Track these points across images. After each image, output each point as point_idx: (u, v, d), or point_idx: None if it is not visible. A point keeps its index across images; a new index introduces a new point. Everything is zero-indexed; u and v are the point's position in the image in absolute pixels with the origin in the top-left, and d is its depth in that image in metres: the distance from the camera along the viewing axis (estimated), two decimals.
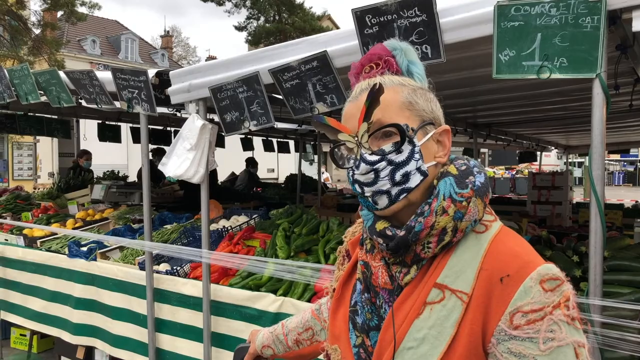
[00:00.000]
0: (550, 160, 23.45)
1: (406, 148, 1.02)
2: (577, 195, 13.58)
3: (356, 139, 1.03)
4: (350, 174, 1.06)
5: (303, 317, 1.50)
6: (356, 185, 1.05)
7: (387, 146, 1.02)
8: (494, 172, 25.34)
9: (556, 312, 0.92)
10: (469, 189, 1.02)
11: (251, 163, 10.26)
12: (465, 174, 1.05)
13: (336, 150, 1.13)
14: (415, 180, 1.02)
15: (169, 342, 3.51)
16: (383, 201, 1.02)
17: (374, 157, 1.02)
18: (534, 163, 13.12)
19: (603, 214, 1.89)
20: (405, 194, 1.02)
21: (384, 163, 1.01)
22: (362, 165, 1.02)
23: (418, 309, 0.99)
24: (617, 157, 32.12)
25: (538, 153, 11.34)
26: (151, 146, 5.99)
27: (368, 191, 1.03)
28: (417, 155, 1.03)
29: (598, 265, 1.93)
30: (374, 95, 0.99)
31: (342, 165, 1.11)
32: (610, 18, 1.87)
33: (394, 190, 1.02)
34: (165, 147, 7.25)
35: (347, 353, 1.11)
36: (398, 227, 1.03)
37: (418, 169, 1.03)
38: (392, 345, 1.00)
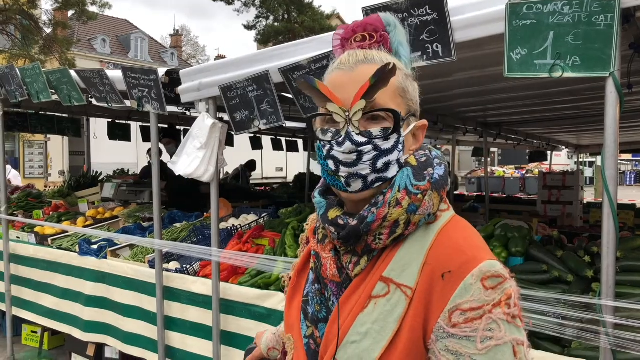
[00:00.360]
0: (560, 160, 23.27)
1: (393, 137, 0.99)
2: (588, 195, 13.47)
3: (347, 114, 0.98)
4: (327, 148, 1.01)
5: None
6: (330, 162, 1.00)
7: (376, 130, 0.98)
8: (503, 171, 25.17)
9: (496, 310, 0.89)
10: (426, 181, 1.00)
11: (249, 166, 10.12)
12: (424, 166, 1.03)
13: (314, 120, 1.08)
14: (392, 171, 1.00)
15: (179, 340, 3.53)
16: (357, 185, 0.99)
17: (362, 139, 0.97)
18: (544, 162, 13.04)
19: (616, 214, 1.87)
20: (380, 183, 0.99)
21: (369, 147, 0.97)
22: (347, 143, 0.97)
23: (363, 302, 0.97)
24: (628, 156, 31.83)
25: (548, 152, 11.27)
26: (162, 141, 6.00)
27: (344, 171, 0.99)
28: (400, 146, 1.01)
29: (611, 266, 1.91)
30: (384, 75, 0.94)
31: (317, 136, 1.05)
32: (623, 16, 1.85)
33: (371, 177, 0.99)
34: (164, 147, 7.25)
35: (299, 343, 1.10)
36: (351, 215, 1.01)
37: (397, 161, 1.00)
38: (336, 339, 0.99)
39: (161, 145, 5.93)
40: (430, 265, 0.95)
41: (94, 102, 4.01)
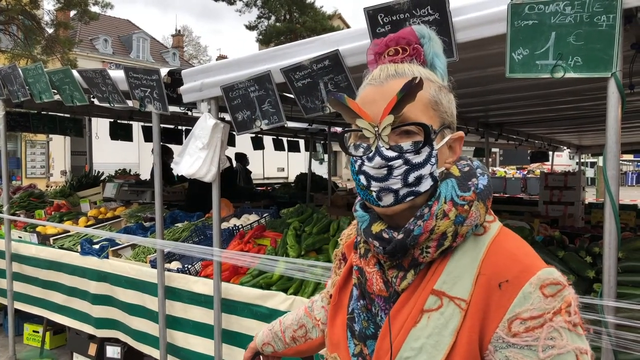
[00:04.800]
0: (562, 160, 23.24)
1: (425, 150, 0.97)
2: (590, 196, 13.47)
3: (376, 129, 0.96)
4: (358, 163, 1.00)
5: (297, 315, 1.49)
6: (362, 177, 0.99)
7: (406, 144, 0.97)
8: (505, 171, 25.16)
9: (557, 318, 0.88)
10: (471, 191, 0.98)
11: (241, 160, 10.00)
12: (468, 176, 1.01)
13: (346, 135, 1.07)
14: (425, 185, 0.98)
15: (182, 339, 3.54)
16: (388, 199, 0.97)
17: (391, 153, 0.96)
18: (545, 163, 13.02)
19: (618, 214, 1.87)
20: (412, 197, 0.97)
21: (400, 161, 0.96)
22: (377, 158, 0.96)
23: (415, 317, 0.96)
24: (630, 157, 31.78)
25: (550, 153, 11.26)
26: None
27: (375, 186, 0.97)
28: (433, 160, 0.98)
29: (612, 266, 1.91)
30: (411, 90, 0.93)
31: (349, 152, 1.04)
32: (625, 17, 1.85)
33: (403, 191, 0.97)
34: (170, 145, 7.27)
35: None
36: (395, 229, 0.99)
37: (431, 174, 0.98)
38: (389, 354, 0.97)
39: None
40: (485, 275, 0.93)
41: (96, 102, 4.02)
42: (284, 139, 9.97)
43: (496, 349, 0.91)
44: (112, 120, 7.06)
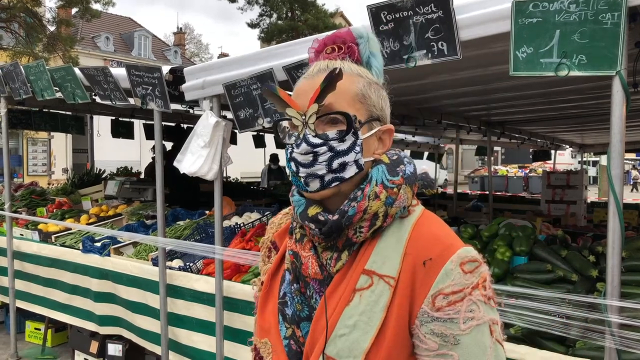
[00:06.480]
0: (564, 159, 23.18)
1: (349, 139, 1.03)
2: (592, 195, 13.43)
3: (303, 117, 1.03)
4: (289, 150, 1.07)
5: None
6: (292, 164, 1.06)
7: (332, 132, 1.04)
8: (507, 170, 25.11)
9: (475, 292, 0.97)
10: (399, 176, 1.07)
11: (273, 160, 10.62)
12: (396, 163, 1.10)
13: (280, 123, 1.14)
14: (350, 171, 1.04)
15: (185, 336, 3.55)
16: (315, 184, 1.04)
17: (317, 140, 1.03)
18: (547, 162, 13.00)
19: (622, 213, 1.86)
20: (337, 183, 1.04)
21: (324, 148, 1.03)
22: (303, 145, 1.03)
23: (348, 296, 1.02)
24: (633, 156, 31.68)
25: (552, 151, 11.23)
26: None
27: (303, 172, 1.04)
28: (357, 148, 1.05)
29: (616, 265, 1.90)
30: (332, 79, 1.00)
31: (283, 139, 1.12)
32: (630, 15, 1.83)
33: (328, 177, 1.03)
34: (168, 144, 7.25)
35: (278, 346, 1.12)
36: (330, 212, 1.05)
37: (355, 162, 1.04)
38: (324, 333, 1.01)
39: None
40: (410, 255, 1.01)
41: (97, 99, 4.02)
42: None
43: (422, 323, 0.98)
44: (113, 117, 7.05)
